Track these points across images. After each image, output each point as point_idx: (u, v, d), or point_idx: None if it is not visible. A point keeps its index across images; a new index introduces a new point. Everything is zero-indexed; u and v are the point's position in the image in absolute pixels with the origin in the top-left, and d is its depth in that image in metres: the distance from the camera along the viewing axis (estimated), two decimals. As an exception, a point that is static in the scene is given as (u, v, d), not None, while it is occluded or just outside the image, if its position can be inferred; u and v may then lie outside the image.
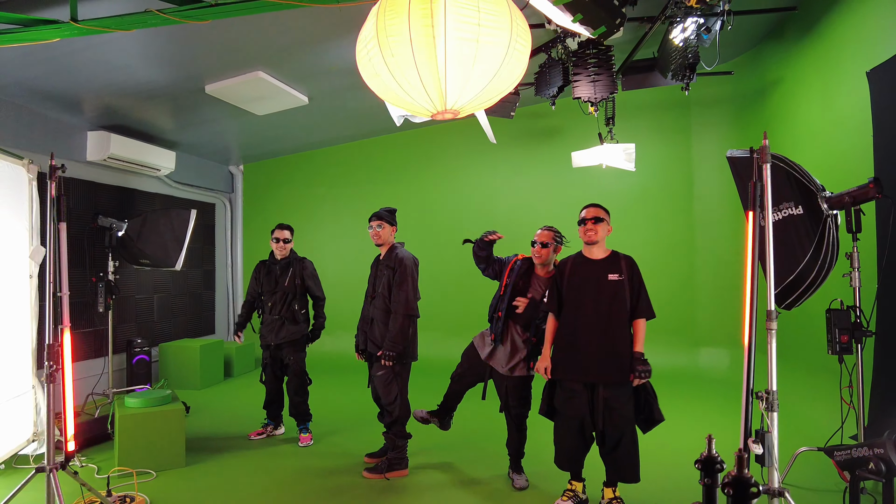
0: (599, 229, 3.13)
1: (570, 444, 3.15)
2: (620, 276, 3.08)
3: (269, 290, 4.53)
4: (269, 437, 4.55)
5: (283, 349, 4.49)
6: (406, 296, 3.71)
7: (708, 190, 6.80)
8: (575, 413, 3.09)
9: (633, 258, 3.18)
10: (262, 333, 4.56)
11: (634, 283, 3.11)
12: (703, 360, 6.67)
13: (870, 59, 3.94)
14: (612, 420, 3.00)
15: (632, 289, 3.09)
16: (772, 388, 2.07)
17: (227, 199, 8.25)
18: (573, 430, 3.11)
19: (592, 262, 3.17)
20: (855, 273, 3.29)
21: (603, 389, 3.03)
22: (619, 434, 3.02)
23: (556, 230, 3.57)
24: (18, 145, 4.83)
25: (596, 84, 4.18)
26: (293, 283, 4.51)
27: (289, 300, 4.49)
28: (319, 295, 4.61)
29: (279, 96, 5.45)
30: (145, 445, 3.78)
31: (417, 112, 2.07)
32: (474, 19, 1.77)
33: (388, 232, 3.90)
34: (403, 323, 3.68)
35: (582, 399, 3.07)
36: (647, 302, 3.12)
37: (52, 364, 2.51)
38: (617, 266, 3.11)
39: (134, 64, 4.54)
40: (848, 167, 4.35)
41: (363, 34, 1.93)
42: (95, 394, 5.28)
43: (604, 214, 3.17)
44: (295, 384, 4.48)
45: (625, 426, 3.01)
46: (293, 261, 4.59)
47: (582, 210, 3.22)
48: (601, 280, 3.07)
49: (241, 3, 2.98)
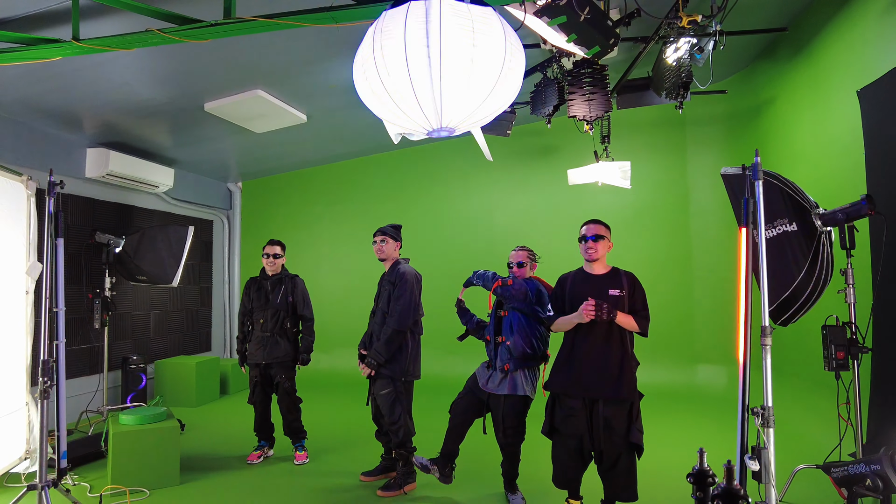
0: (600, 247, 3.12)
1: (568, 464, 3.11)
2: (621, 291, 3.07)
3: (259, 307, 4.44)
4: (267, 457, 4.48)
5: (273, 368, 4.38)
6: (401, 309, 3.70)
7: (703, 207, 6.85)
8: (573, 432, 3.05)
9: (634, 275, 3.16)
10: (251, 351, 4.43)
11: (636, 300, 3.08)
12: (701, 377, 6.65)
13: (860, 79, 4.00)
14: (610, 438, 2.98)
15: (632, 305, 3.07)
16: (767, 404, 2.07)
17: (224, 217, 8.27)
18: (571, 449, 3.07)
19: (593, 277, 3.16)
20: (850, 289, 3.30)
21: (602, 407, 3.00)
22: (617, 453, 2.99)
23: (529, 248, 3.63)
24: (18, 162, 4.86)
25: (591, 103, 4.24)
26: (284, 300, 4.43)
27: (281, 318, 4.40)
28: (308, 315, 4.51)
29: (278, 114, 5.51)
30: (139, 463, 3.74)
31: (414, 129, 2.10)
32: (469, 39, 1.80)
33: (391, 247, 3.92)
34: (392, 335, 3.68)
35: (580, 418, 3.03)
36: (646, 316, 3.08)
37: (47, 380, 2.50)
38: (618, 282, 3.10)
39: (134, 82, 4.59)
40: (840, 184, 4.39)
41: (360, 54, 1.96)
42: (90, 411, 5.24)
43: (604, 231, 3.16)
44: (287, 403, 4.39)
45: (623, 445, 2.98)
46: (284, 277, 4.52)
47: (582, 226, 3.21)
48: (602, 296, 3.05)
49: (240, 23, 3.02)
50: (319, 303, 4.67)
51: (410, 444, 3.80)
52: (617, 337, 3.05)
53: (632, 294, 3.08)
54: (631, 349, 3.09)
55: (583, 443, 3.05)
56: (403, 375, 3.77)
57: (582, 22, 2.93)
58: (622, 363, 3.02)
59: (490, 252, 7.22)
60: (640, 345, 3.18)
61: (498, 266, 3.86)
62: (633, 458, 3.02)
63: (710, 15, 2.94)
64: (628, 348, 3.07)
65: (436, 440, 4.37)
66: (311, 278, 4.73)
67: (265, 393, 4.46)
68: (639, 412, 3.04)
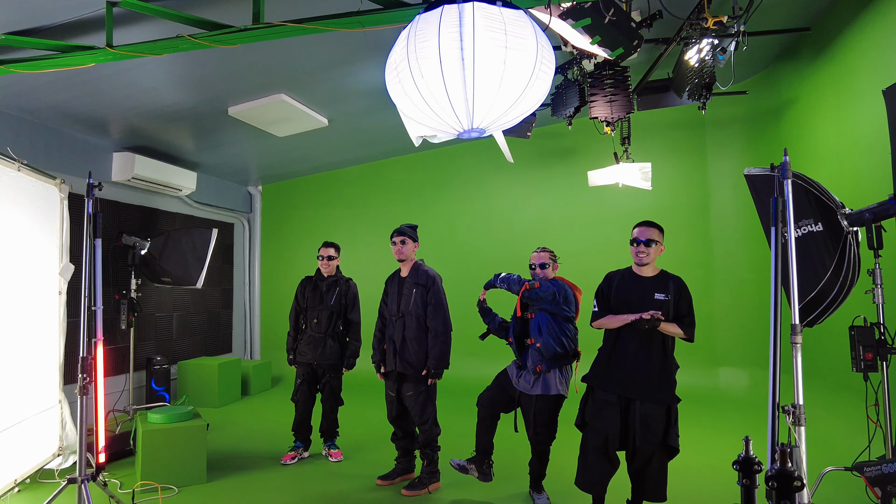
0: (651, 251, 3.09)
1: (594, 461, 3.07)
2: (667, 295, 3.05)
3: (313, 306, 4.49)
4: (302, 458, 4.47)
5: (322, 368, 4.45)
6: (445, 315, 3.81)
7: (724, 209, 6.80)
8: (602, 426, 3.05)
9: (682, 280, 3.12)
10: (301, 350, 4.48)
11: (682, 306, 3.05)
12: (723, 379, 6.59)
13: (886, 78, 3.96)
14: (645, 437, 2.97)
15: (677, 311, 3.05)
16: (798, 402, 2.07)
17: (245, 220, 8.38)
18: (598, 445, 3.05)
19: (641, 278, 3.15)
20: (878, 290, 3.27)
21: (640, 405, 3.00)
22: (650, 452, 2.99)
23: (550, 250, 3.63)
24: (48, 166, 4.97)
25: (612, 104, 4.25)
26: (339, 302, 4.51)
27: (333, 320, 4.47)
28: (356, 319, 4.59)
29: (300, 118, 5.58)
30: (167, 461, 3.81)
31: (445, 131, 2.13)
32: (501, 42, 1.83)
33: (410, 248, 3.95)
34: (446, 339, 3.78)
35: (612, 413, 3.03)
36: (691, 322, 3.04)
37: (86, 377, 2.57)
38: (665, 286, 3.08)
39: (161, 87, 4.69)
40: (865, 185, 4.35)
41: (393, 56, 2.00)
42: (116, 410, 5.34)
43: (657, 235, 3.11)
44: (331, 403, 4.48)
45: (657, 445, 2.98)
46: (340, 280, 4.61)
47: (634, 228, 3.16)
48: (647, 297, 3.05)
49: (269, 28, 3.09)
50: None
51: (436, 443, 3.83)
52: (659, 341, 3.04)
53: (678, 300, 3.06)
54: (672, 353, 3.09)
55: (608, 442, 3.03)
56: None
57: (606, 24, 2.95)
58: (663, 366, 3.02)
59: (509, 254, 7.23)
60: None
61: (518, 268, 3.87)
62: (665, 458, 3.03)
63: (736, 16, 2.94)
64: (669, 352, 3.07)
65: (456, 440, 4.41)
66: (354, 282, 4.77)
67: (310, 392, 4.51)
68: (677, 416, 3.05)
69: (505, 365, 3.73)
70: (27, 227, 3.64)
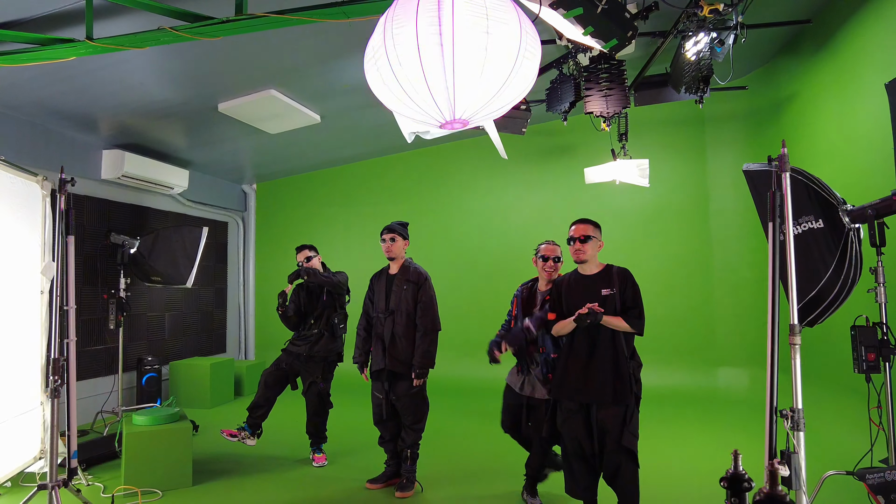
0: (588, 248, 3.01)
1: (575, 468, 3.04)
2: (612, 290, 2.96)
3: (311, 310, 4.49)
4: (241, 442, 4.26)
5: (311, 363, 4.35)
6: (434, 313, 3.76)
7: (724, 206, 6.70)
8: (572, 433, 3.00)
9: (627, 270, 3.03)
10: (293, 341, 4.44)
11: (627, 296, 2.96)
12: (722, 379, 6.50)
13: (888, 72, 3.87)
14: (605, 443, 2.89)
15: (623, 303, 2.95)
16: (797, 407, 1.97)
17: (239, 218, 8.29)
18: (575, 451, 3.01)
19: (586, 277, 3.07)
20: (881, 288, 3.17)
21: (597, 410, 2.93)
22: (616, 461, 2.89)
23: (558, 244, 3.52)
24: (35, 164, 4.88)
25: (608, 99, 4.15)
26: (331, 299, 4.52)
27: (328, 316, 4.46)
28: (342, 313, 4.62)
29: (291, 115, 5.49)
30: (152, 464, 3.72)
31: (426, 121, 2.04)
32: (482, 26, 1.74)
33: (400, 246, 3.89)
34: (434, 338, 3.73)
35: (577, 420, 2.97)
36: (638, 314, 2.93)
37: (57, 379, 2.48)
38: (609, 280, 2.99)
39: (148, 83, 4.60)
40: (867, 181, 4.25)
41: (371, 44, 1.91)
42: (105, 412, 5.25)
43: (593, 231, 3.04)
44: (317, 404, 4.37)
45: (620, 452, 2.88)
46: None
47: (570, 226, 3.10)
48: (594, 296, 2.96)
49: (251, 20, 3.00)
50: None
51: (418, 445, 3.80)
52: (607, 339, 2.94)
53: (622, 291, 2.96)
54: (626, 350, 2.95)
55: (583, 446, 2.98)
56: None
57: (599, 14, 2.85)
58: (615, 365, 2.91)
59: (505, 252, 7.14)
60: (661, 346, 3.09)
61: (514, 264, 3.76)
62: (634, 467, 2.91)
63: (731, 4, 2.84)
64: (621, 349, 2.93)
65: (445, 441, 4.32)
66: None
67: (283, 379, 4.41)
68: (633, 415, 2.91)
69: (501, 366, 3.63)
70: (8, 225, 3.55)
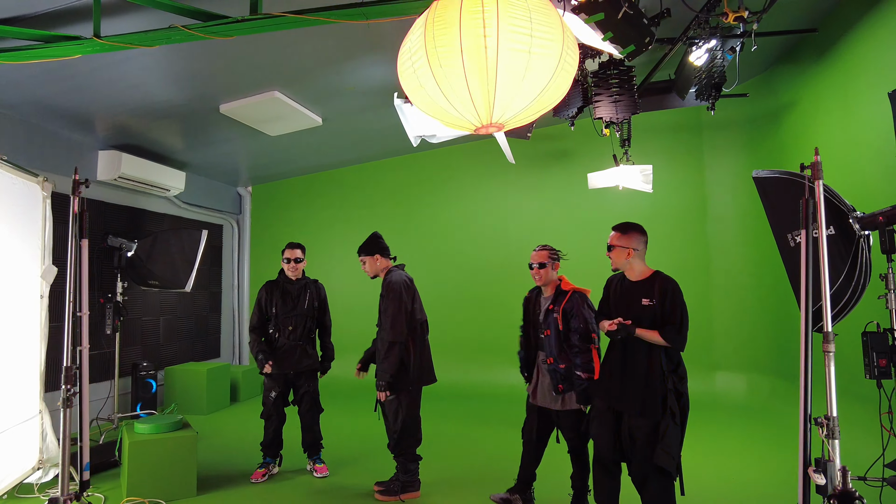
0: (614, 256, 3.03)
1: (597, 475, 3.03)
2: (652, 301, 2.89)
3: (286, 313, 4.22)
4: (272, 475, 4.21)
5: (301, 378, 4.24)
6: (391, 319, 3.64)
7: (722, 212, 6.76)
8: (598, 433, 2.99)
9: (672, 281, 2.94)
10: (277, 360, 4.16)
11: (667, 310, 2.86)
12: (720, 385, 6.53)
13: (891, 80, 3.92)
14: (634, 451, 2.85)
15: (663, 315, 2.87)
16: (832, 415, 1.97)
17: (234, 221, 8.18)
18: (596, 456, 3.02)
19: (631, 283, 3.03)
20: (891, 294, 3.19)
21: (628, 417, 2.90)
22: (644, 472, 2.82)
23: (550, 247, 3.51)
24: (31, 164, 4.76)
25: (617, 105, 4.16)
26: (311, 306, 4.30)
27: (307, 325, 4.26)
28: (327, 323, 4.44)
29: (293, 117, 5.42)
30: (155, 474, 3.63)
31: (459, 126, 2.01)
32: (527, 30, 1.72)
33: (372, 264, 3.89)
34: (389, 348, 3.61)
35: (605, 421, 2.96)
36: (676, 329, 2.83)
37: (70, 388, 2.39)
38: (651, 290, 2.93)
39: (150, 83, 4.51)
40: (869, 189, 4.30)
41: (407, 45, 1.87)
42: (100, 419, 5.12)
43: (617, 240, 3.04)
44: (312, 415, 4.26)
45: (647, 465, 2.80)
46: (309, 283, 4.39)
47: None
48: (635, 304, 2.92)
49: (267, 19, 2.95)
50: (331, 308, 4.56)
51: (412, 452, 3.74)
52: (642, 351, 2.87)
53: (662, 303, 2.88)
54: (665, 364, 2.86)
55: (603, 451, 2.97)
56: (411, 385, 3.68)
57: (619, 19, 2.85)
58: (647, 379, 2.84)
59: (506, 256, 7.12)
60: None
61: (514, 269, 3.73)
62: (664, 483, 2.79)
63: (756, 11, 2.86)
64: (656, 363, 2.84)
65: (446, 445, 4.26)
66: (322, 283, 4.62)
67: (283, 406, 4.27)
68: (668, 431, 2.75)
69: (502, 371, 3.61)
70: (7, 227, 3.45)
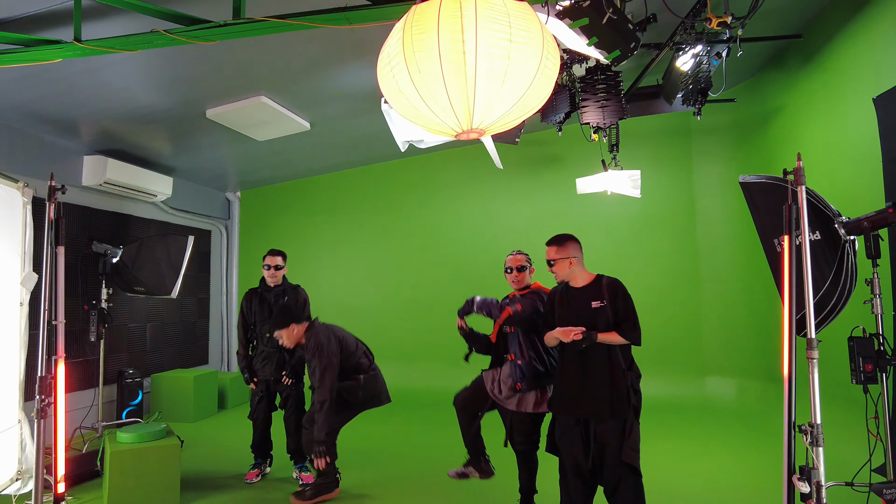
0: (557, 269, 3.03)
1: (572, 484, 2.96)
2: (602, 302, 2.91)
3: (262, 320, 4.27)
4: (264, 475, 4.28)
5: (281, 384, 4.24)
6: (320, 380, 3.74)
7: (710, 217, 6.78)
8: (569, 448, 2.93)
9: (618, 280, 2.97)
10: (255, 367, 4.28)
11: (618, 308, 2.88)
12: (710, 389, 6.54)
13: (876, 86, 3.94)
14: (604, 457, 2.83)
15: (615, 314, 2.88)
16: (816, 422, 1.95)
17: (223, 226, 8.12)
18: (571, 468, 2.94)
19: (576, 290, 3.02)
20: (877, 300, 3.20)
21: (595, 424, 2.87)
22: (617, 475, 2.81)
23: (525, 253, 3.57)
24: (12, 169, 4.70)
25: (605, 110, 4.16)
26: None
27: None
28: None
29: (281, 122, 5.39)
30: (138, 483, 3.57)
31: (440, 132, 1.99)
32: (506, 34, 1.70)
33: (295, 333, 3.81)
34: (321, 408, 3.70)
35: (574, 434, 2.91)
36: (632, 326, 2.86)
37: (44, 398, 2.35)
38: (599, 292, 2.94)
39: (135, 87, 4.47)
40: (855, 193, 4.32)
41: (387, 49, 1.85)
42: (84, 427, 5.04)
43: (555, 254, 3.04)
44: (295, 420, 4.22)
45: (621, 466, 2.80)
46: (287, 289, 4.39)
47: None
48: (585, 309, 2.92)
49: (251, 24, 2.92)
50: (319, 314, 4.51)
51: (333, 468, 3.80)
52: (601, 353, 2.87)
53: (613, 303, 2.90)
54: (622, 363, 2.88)
55: (580, 463, 2.90)
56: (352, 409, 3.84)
57: (604, 25, 2.85)
58: (610, 380, 2.84)
59: (495, 261, 7.05)
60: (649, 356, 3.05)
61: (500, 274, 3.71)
62: (637, 482, 2.83)
63: (741, 17, 2.87)
64: (617, 363, 2.87)
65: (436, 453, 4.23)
66: (310, 289, 4.62)
67: (269, 409, 4.31)
68: (633, 429, 2.83)
69: None
70: (-14, 234, 3.40)
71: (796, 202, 2.08)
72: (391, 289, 7.70)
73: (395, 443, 5.25)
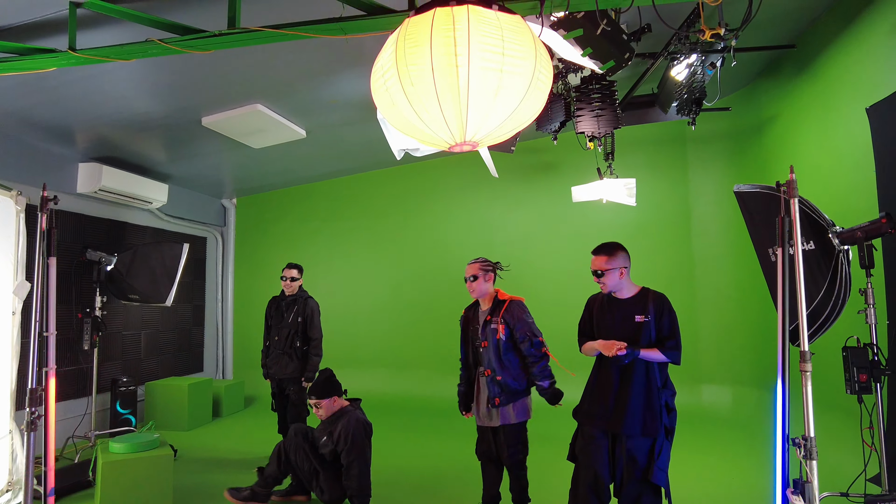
0: (608, 280, 2.90)
1: (583, 497, 2.88)
2: (647, 317, 2.85)
3: (276, 324, 4.78)
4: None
5: (284, 382, 4.68)
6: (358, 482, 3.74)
7: (705, 226, 6.79)
8: (590, 462, 2.85)
9: (664, 296, 2.92)
10: (268, 364, 4.75)
11: (664, 327, 2.84)
12: (706, 397, 6.53)
13: (869, 96, 3.96)
14: (631, 472, 2.77)
15: (659, 332, 2.84)
16: (809, 435, 1.95)
17: (219, 233, 8.10)
18: (587, 481, 2.86)
19: (620, 301, 2.94)
20: (870, 309, 3.20)
21: (626, 439, 2.81)
22: (637, 492, 2.77)
23: (484, 259, 3.50)
24: (7, 176, 4.70)
25: (599, 119, 4.17)
26: (295, 320, 4.72)
27: (291, 337, 4.68)
28: (311, 335, 4.74)
29: (277, 130, 5.39)
30: (130, 494, 3.54)
31: (434, 144, 1.99)
32: (498, 48, 1.70)
33: (329, 406, 3.84)
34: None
35: (599, 448, 2.84)
36: (675, 345, 2.82)
37: (34, 411, 2.33)
38: (644, 306, 2.88)
39: (130, 95, 4.47)
40: (848, 203, 4.33)
41: (380, 62, 1.85)
42: (76, 436, 5.01)
43: (604, 264, 2.89)
44: (293, 415, 4.61)
45: (643, 483, 2.76)
46: (299, 299, 4.81)
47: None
48: (627, 322, 2.86)
49: (245, 34, 2.92)
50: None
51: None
52: (642, 368, 2.83)
53: (658, 319, 2.85)
54: (659, 380, 2.85)
55: (598, 478, 2.83)
56: None
57: (598, 35, 2.86)
58: (646, 397, 2.81)
59: (490, 270, 7.09)
60: None
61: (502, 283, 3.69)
62: (656, 500, 2.78)
63: (734, 29, 2.88)
64: (653, 380, 2.83)
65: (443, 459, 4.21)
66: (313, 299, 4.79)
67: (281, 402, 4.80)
68: (663, 449, 2.78)
69: None
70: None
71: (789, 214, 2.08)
72: (387, 296, 7.69)
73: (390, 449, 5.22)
